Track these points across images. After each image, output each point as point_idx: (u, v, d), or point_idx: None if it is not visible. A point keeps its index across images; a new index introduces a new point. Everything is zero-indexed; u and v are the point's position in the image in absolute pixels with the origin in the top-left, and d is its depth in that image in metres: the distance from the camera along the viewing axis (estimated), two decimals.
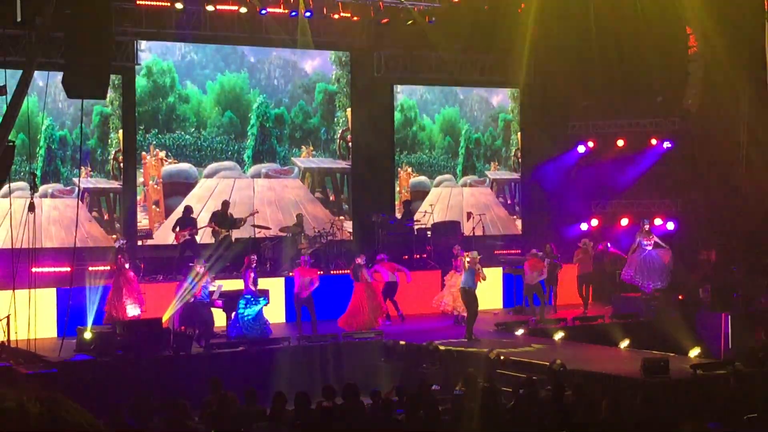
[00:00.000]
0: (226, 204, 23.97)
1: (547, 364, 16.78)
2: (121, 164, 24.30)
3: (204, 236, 23.53)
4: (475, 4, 26.98)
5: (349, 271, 21.83)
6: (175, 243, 23.03)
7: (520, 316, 22.69)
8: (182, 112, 25.18)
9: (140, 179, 24.57)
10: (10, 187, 18.36)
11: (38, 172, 21.80)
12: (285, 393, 12.88)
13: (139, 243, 23.54)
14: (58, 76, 17.93)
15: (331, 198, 27.08)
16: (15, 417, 3.23)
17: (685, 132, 27.54)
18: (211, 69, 25.59)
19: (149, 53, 24.66)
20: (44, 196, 22.80)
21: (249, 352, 18.57)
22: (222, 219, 23.47)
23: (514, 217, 29.39)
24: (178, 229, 22.95)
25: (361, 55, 26.96)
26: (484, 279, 20.57)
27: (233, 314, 19.68)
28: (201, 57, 25.54)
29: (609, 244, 25.03)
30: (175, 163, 25.06)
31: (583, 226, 28.10)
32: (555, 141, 28.86)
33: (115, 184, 24.22)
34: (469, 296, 20.32)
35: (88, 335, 17.85)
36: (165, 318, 19.20)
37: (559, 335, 20.53)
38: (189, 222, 23.11)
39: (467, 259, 20.52)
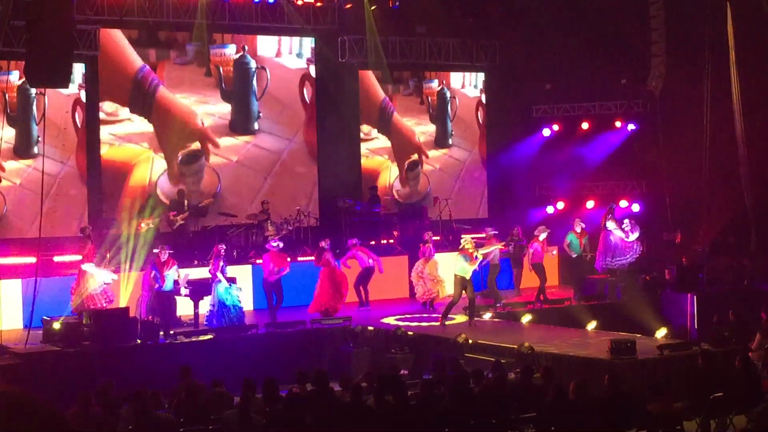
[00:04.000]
0: (181, 192, 23.99)
1: (515, 347, 16.84)
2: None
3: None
4: None
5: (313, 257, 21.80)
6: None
7: (488, 299, 22.71)
8: None
9: None
10: None
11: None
12: (253, 380, 12.87)
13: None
14: None
15: None
16: None
17: (649, 114, 27.71)
18: None
19: None
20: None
21: (217, 340, 18.50)
22: (179, 207, 23.46)
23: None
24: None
25: (325, 40, 26.84)
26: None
27: (213, 304, 19.52)
28: None
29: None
30: None
31: (549, 210, 28.23)
32: (520, 124, 28.93)
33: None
34: (456, 282, 20.15)
35: (57, 326, 17.72)
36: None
37: (526, 318, 20.61)
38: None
39: (468, 245, 20.22)
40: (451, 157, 29.08)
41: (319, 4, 26.44)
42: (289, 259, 21.63)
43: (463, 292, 20.09)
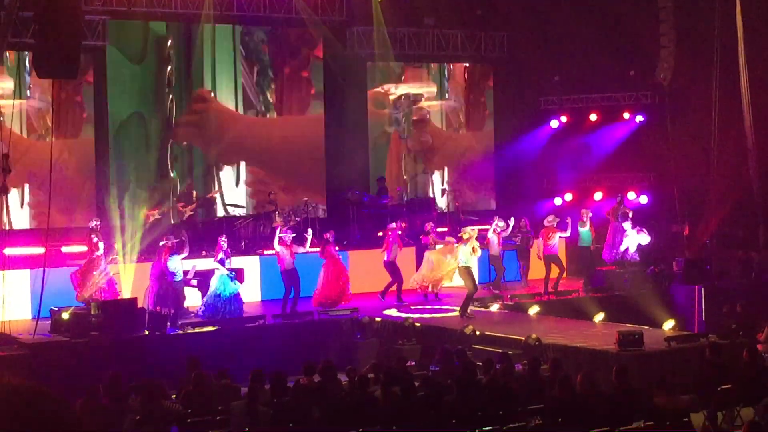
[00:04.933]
0: (189, 184, 24.08)
1: (523, 338, 16.85)
2: None
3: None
4: None
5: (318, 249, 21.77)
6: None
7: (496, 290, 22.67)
8: None
9: None
10: None
11: None
12: (261, 372, 12.87)
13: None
14: None
15: None
16: None
17: (657, 105, 27.64)
18: None
19: None
20: None
21: (224, 331, 18.52)
22: (188, 198, 23.53)
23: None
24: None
25: (333, 31, 26.81)
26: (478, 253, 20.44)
27: (209, 293, 19.57)
28: None
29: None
30: None
31: (557, 201, 28.19)
32: (528, 116, 28.89)
33: None
34: (463, 273, 20.20)
35: (65, 316, 17.77)
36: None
37: (534, 310, 20.61)
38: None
39: (465, 235, 20.34)
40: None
41: None
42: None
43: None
